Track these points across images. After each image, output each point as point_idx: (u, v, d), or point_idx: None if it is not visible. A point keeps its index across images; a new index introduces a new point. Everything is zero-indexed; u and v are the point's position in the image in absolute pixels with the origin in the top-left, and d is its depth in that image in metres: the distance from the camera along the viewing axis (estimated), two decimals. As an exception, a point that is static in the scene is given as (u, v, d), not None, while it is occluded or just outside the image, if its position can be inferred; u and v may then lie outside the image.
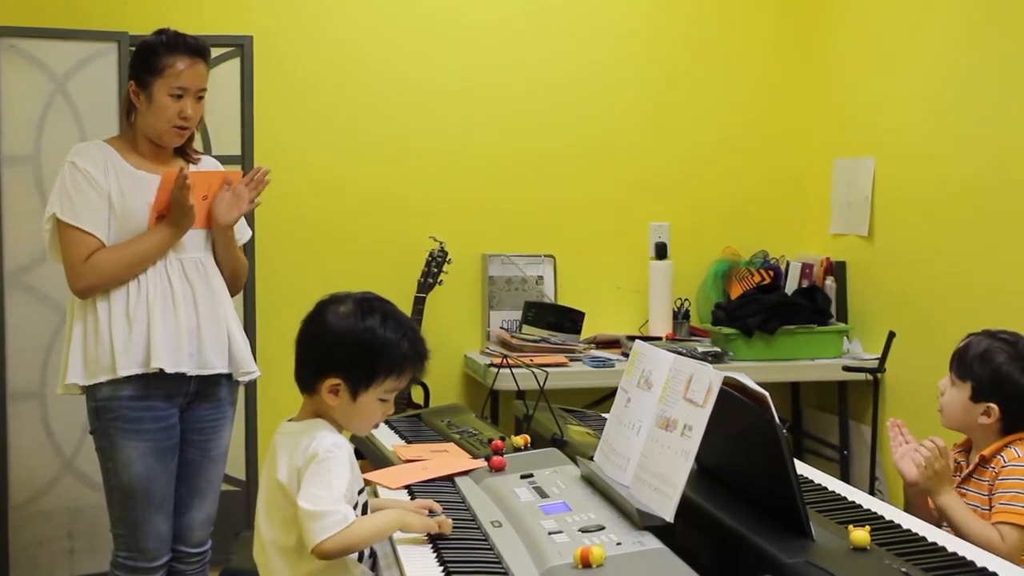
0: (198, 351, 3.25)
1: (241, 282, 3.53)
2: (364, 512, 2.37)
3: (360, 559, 2.35)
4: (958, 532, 2.77)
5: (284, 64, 4.90)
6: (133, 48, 3.59)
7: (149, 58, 3.24)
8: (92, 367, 3.18)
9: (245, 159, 4.59)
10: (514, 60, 5.19)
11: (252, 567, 2.44)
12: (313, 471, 2.26)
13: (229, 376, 3.37)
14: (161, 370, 3.17)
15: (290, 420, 2.44)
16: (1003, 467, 2.85)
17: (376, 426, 2.54)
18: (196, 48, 3.27)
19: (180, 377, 3.22)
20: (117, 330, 3.16)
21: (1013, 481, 2.81)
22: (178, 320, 3.21)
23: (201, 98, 3.29)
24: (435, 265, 4.80)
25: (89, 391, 3.22)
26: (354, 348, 2.36)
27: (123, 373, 3.15)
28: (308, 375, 2.41)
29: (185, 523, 3.37)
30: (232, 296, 3.45)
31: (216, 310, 3.31)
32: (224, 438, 3.45)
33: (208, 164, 3.48)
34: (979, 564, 2.03)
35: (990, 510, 2.84)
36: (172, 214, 3.21)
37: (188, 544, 3.39)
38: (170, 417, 3.26)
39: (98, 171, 3.22)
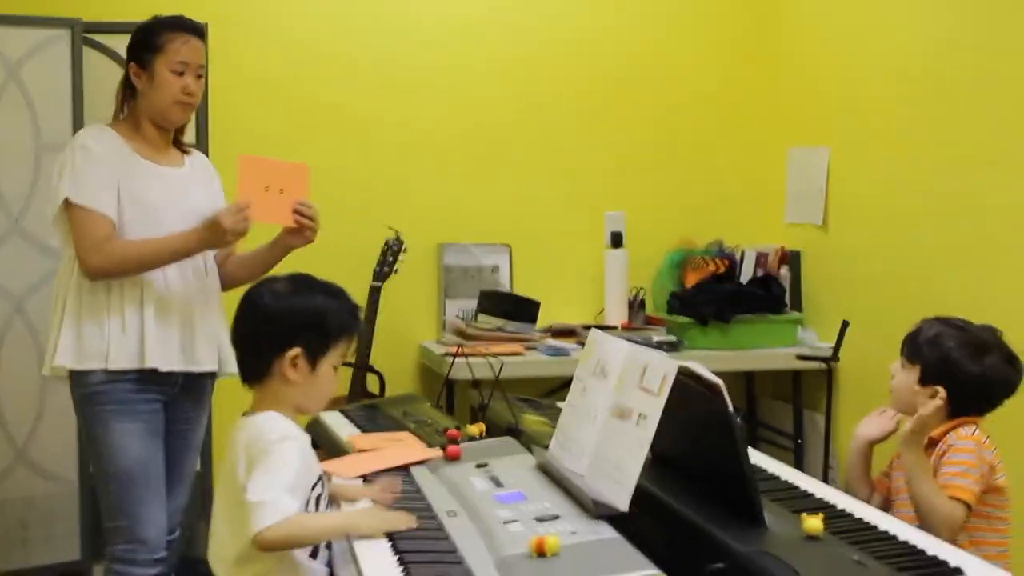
0: (191, 347, 3.24)
1: None
2: (317, 505, 2.37)
3: (314, 555, 2.34)
4: (915, 491, 2.82)
5: (239, 52, 4.86)
6: (87, 35, 3.66)
7: (149, 37, 3.25)
8: (85, 352, 3.14)
9: (200, 148, 4.54)
10: (469, 50, 5.18)
11: (205, 555, 2.43)
12: (260, 461, 2.27)
13: (214, 374, 3.37)
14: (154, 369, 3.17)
15: (245, 414, 2.44)
16: (950, 446, 2.90)
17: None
18: (193, 26, 3.31)
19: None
20: (113, 326, 3.13)
21: (962, 459, 2.85)
22: (170, 320, 3.19)
23: (201, 76, 3.29)
24: (391, 254, 4.78)
25: (79, 377, 3.16)
26: (308, 317, 2.44)
27: (115, 367, 3.13)
28: (262, 358, 2.43)
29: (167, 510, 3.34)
30: None
31: (210, 310, 3.31)
32: (203, 428, 3.46)
33: (198, 158, 3.47)
34: (929, 552, 2.05)
35: None
36: (209, 232, 3.15)
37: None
38: (159, 403, 3.24)
39: (108, 154, 3.18)
